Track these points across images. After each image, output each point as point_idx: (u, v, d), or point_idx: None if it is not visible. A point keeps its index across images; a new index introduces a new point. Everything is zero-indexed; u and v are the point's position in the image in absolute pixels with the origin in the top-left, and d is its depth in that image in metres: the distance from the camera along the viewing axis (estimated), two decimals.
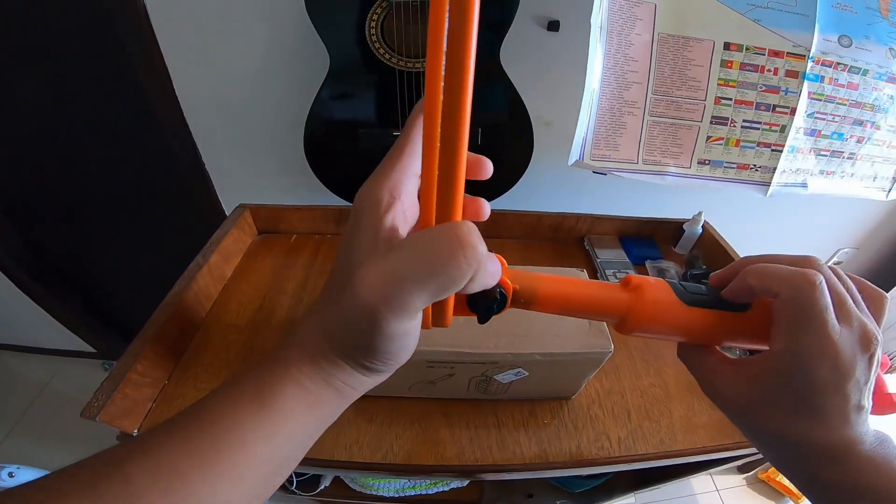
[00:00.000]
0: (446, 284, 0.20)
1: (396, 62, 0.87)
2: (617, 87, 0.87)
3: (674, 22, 0.83)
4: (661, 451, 0.59)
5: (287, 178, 1.25)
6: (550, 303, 0.28)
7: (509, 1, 0.84)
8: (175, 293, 0.67)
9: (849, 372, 0.26)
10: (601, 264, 0.87)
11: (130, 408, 0.56)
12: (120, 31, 0.99)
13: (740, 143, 0.91)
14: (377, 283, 0.21)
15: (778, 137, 0.90)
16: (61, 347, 1.87)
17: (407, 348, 0.24)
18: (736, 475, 1.68)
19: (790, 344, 0.26)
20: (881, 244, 1.62)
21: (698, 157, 0.92)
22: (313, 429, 0.26)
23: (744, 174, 0.93)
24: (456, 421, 0.60)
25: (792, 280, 0.27)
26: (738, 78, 0.86)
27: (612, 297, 0.29)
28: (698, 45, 0.84)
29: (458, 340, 0.51)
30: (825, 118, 0.89)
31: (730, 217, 1.15)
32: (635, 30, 0.83)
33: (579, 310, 0.29)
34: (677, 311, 0.29)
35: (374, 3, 0.82)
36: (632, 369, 0.68)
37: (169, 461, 0.21)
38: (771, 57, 0.85)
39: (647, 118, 0.89)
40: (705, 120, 0.89)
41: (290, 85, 1.07)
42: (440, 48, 0.18)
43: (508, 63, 0.91)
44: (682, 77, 0.86)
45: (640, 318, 0.28)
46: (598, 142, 0.90)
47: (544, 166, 1.13)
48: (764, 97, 0.87)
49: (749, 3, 0.82)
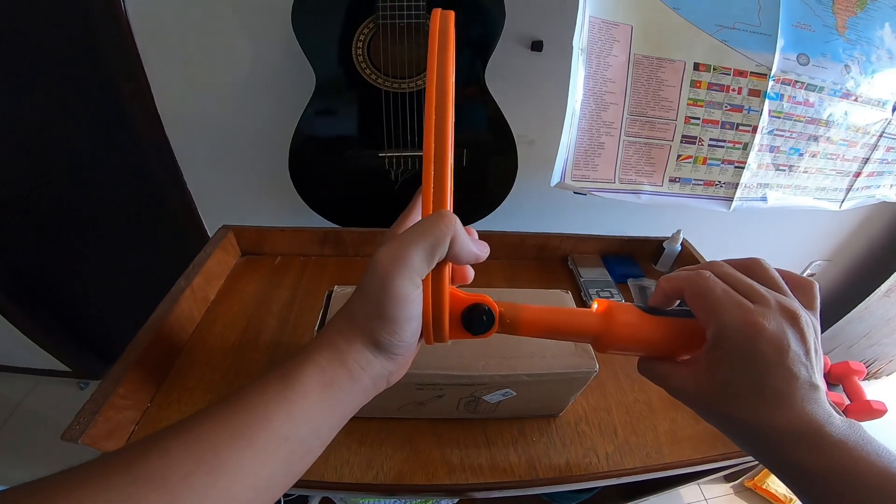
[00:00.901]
0: (436, 241, 0.28)
1: (383, 83, 0.88)
2: (595, 108, 0.89)
3: (649, 43, 0.86)
4: (648, 465, 0.60)
5: (271, 199, 1.25)
6: (532, 327, 0.33)
7: (494, 23, 0.86)
8: (157, 316, 0.66)
9: (781, 344, 0.27)
10: (584, 283, 0.89)
11: (112, 430, 0.55)
12: (102, 46, 0.98)
13: (707, 161, 0.94)
14: (388, 252, 0.28)
15: (741, 154, 0.93)
16: (35, 366, 1.82)
17: (410, 323, 0.29)
18: (723, 484, 1.70)
19: (713, 328, 0.29)
20: (852, 256, 1.68)
21: (670, 175, 0.94)
22: (327, 412, 0.28)
23: (710, 190, 0.97)
24: (446, 440, 0.60)
25: (689, 278, 0.31)
26: (706, 98, 0.89)
27: (585, 321, 0.33)
28: (671, 65, 0.87)
29: (447, 363, 0.52)
30: (783, 135, 0.93)
31: (707, 234, 1.19)
32: (613, 51, 0.86)
33: (558, 333, 0.34)
34: (643, 324, 0.33)
35: (361, 23, 0.83)
36: (616, 386, 0.70)
37: (203, 434, 0.24)
38: (736, 76, 0.88)
39: (623, 138, 0.92)
40: (676, 139, 0.92)
41: (274, 104, 1.07)
42: (432, 105, 0.30)
43: (492, 82, 0.92)
44: (656, 97, 0.89)
45: (612, 336, 0.32)
46: (578, 162, 0.92)
47: (528, 185, 1.15)
48: (728, 116, 0.91)
49: (717, 25, 0.85)
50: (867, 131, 0.98)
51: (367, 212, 1.05)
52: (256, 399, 0.26)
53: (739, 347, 0.28)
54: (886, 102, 0.95)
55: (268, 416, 0.25)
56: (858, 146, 0.99)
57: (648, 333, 0.33)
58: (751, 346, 0.28)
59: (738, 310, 0.29)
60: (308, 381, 0.27)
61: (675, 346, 0.33)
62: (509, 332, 0.33)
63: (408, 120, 0.91)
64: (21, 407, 1.78)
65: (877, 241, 1.62)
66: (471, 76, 0.91)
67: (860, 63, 0.89)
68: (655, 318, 0.33)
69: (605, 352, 0.34)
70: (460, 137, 0.97)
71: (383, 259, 0.28)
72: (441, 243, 0.28)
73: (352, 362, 0.29)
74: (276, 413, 0.26)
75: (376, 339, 0.29)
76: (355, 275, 0.87)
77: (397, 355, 0.30)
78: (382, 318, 0.28)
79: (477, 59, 0.90)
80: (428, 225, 0.29)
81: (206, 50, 1.01)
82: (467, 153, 0.98)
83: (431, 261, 0.28)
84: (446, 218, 0.29)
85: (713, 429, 0.64)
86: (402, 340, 0.29)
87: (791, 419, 0.27)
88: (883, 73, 0.92)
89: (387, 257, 0.28)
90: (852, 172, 1.04)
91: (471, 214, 1.09)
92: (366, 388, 0.30)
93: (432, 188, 0.30)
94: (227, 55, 1.01)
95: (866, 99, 0.93)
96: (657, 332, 0.33)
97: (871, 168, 1.05)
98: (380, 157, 0.95)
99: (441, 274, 0.30)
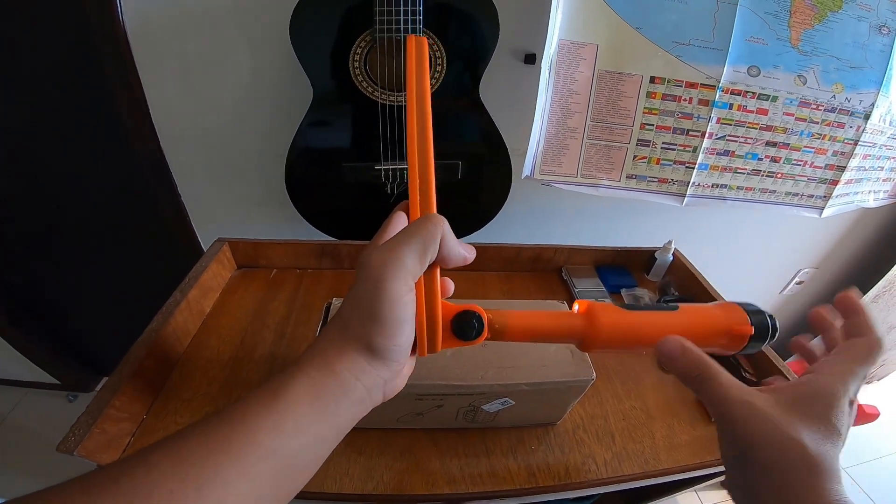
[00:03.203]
0: (426, 241, 0.29)
1: (379, 95, 0.89)
2: (562, 116, 1.01)
3: (612, 60, 0.96)
4: (646, 472, 0.61)
5: (266, 211, 1.25)
6: (519, 331, 0.33)
7: (488, 38, 0.88)
8: (152, 329, 0.66)
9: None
10: (579, 294, 0.90)
11: (108, 442, 0.55)
12: (97, 55, 0.98)
13: (660, 161, 1.06)
14: (380, 256, 0.28)
15: (691, 156, 1.05)
16: (23, 378, 1.79)
17: (404, 326, 0.29)
18: (720, 490, 1.70)
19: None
20: (840, 263, 1.71)
21: (627, 173, 1.08)
22: (320, 425, 0.27)
23: (664, 187, 1.09)
24: (445, 450, 0.60)
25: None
26: (660, 107, 1.00)
27: (569, 322, 0.34)
28: (629, 79, 0.97)
29: (447, 374, 0.52)
30: (737, 140, 1.04)
31: (697, 244, 1.21)
32: (579, 68, 0.96)
33: (544, 336, 0.34)
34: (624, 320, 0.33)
35: (358, 36, 0.84)
36: (613, 393, 0.70)
37: (188, 450, 0.23)
38: (687, 88, 0.98)
39: (586, 141, 1.04)
40: (632, 142, 1.04)
41: (271, 116, 1.07)
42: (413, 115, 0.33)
43: (486, 95, 0.94)
44: (615, 107, 1.00)
45: (596, 335, 0.33)
46: (546, 160, 1.05)
47: (523, 197, 1.17)
48: (680, 123, 1.01)
49: (674, 42, 0.93)
50: (836, 139, 1.03)
51: (363, 224, 1.06)
52: (243, 412, 0.25)
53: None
54: (857, 112, 1.00)
55: (255, 429, 0.25)
56: (829, 153, 1.06)
57: (631, 329, 0.33)
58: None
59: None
60: (297, 392, 0.26)
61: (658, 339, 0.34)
62: (499, 337, 0.33)
63: (404, 133, 0.92)
64: (9, 419, 1.75)
65: (863, 248, 1.65)
66: (465, 89, 0.92)
67: (817, 73, 0.96)
68: (635, 313, 0.33)
69: (591, 351, 0.34)
70: (455, 150, 0.99)
71: (376, 262, 0.28)
72: (432, 243, 0.29)
73: (343, 371, 0.28)
74: (264, 426, 0.25)
75: (370, 343, 0.28)
76: None
77: (393, 361, 0.29)
78: (377, 321, 0.28)
79: (471, 72, 0.91)
80: (418, 226, 0.29)
81: (204, 61, 1.01)
82: (462, 166, 0.99)
83: (424, 261, 0.29)
84: (434, 218, 0.30)
85: (710, 435, 0.66)
86: (396, 344, 0.29)
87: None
88: (847, 82, 0.97)
89: (379, 260, 0.28)
90: (828, 180, 1.10)
91: (466, 227, 1.10)
92: (360, 398, 0.29)
93: (418, 193, 0.32)
94: (225, 67, 1.02)
95: (830, 107, 1.00)
96: (640, 328, 0.33)
97: (849, 175, 1.10)
98: (376, 169, 0.95)
99: (433, 278, 0.30)
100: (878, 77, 0.97)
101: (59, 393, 1.84)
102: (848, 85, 0.98)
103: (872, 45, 0.95)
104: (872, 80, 0.97)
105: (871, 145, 1.06)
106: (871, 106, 0.99)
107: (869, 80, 0.97)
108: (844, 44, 0.94)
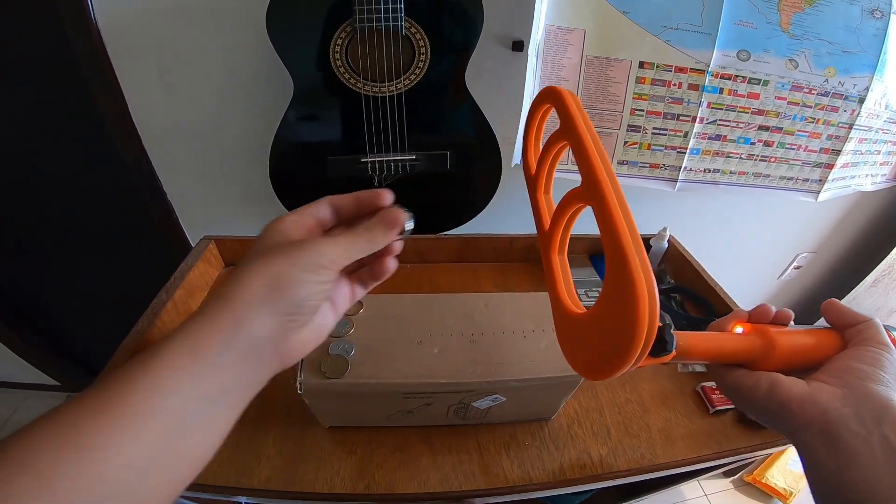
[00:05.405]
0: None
1: (362, 87, 0.87)
2: None
3: (599, 45, 0.94)
4: (642, 466, 0.59)
5: (253, 208, 1.23)
6: (702, 352, 0.34)
7: (473, 24, 0.86)
8: (138, 330, 0.64)
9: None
10: (573, 284, 0.88)
11: None
12: (74, 56, 0.96)
13: (651, 147, 1.05)
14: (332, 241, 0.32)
15: (682, 141, 1.04)
16: (23, 381, 1.80)
17: (321, 273, 0.31)
18: (722, 479, 1.71)
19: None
20: (838, 248, 1.70)
21: (618, 159, 1.06)
22: (202, 382, 0.26)
23: (655, 172, 1.09)
24: (438, 447, 0.59)
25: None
26: (650, 92, 0.98)
27: (749, 346, 0.35)
28: (618, 64, 0.96)
29: (434, 371, 0.50)
30: (728, 124, 1.02)
31: (693, 231, 1.19)
32: (567, 54, 0.95)
33: (725, 358, 0.36)
34: (795, 340, 0.35)
35: (338, 27, 0.82)
36: (608, 386, 0.69)
37: (69, 415, 0.23)
38: (676, 73, 0.96)
39: None
40: (622, 128, 1.03)
41: (253, 112, 1.05)
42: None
43: (473, 83, 0.92)
44: (605, 93, 0.99)
45: (777, 357, 0.34)
46: None
47: (514, 186, 1.15)
48: (670, 108, 1.00)
49: (662, 26, 0.92)
50: (830, 123, 1.02)
51: None
52: (121, 376, 0.25)
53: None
54: (851, 96, 0.98)
55: (130, 388, 0.24)
56: (823, 137, 1.05)
57: (803, 350, 0.35)
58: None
59: None
60: (173, 349, 0.26)
61: (821, 355, 0.35)
62: (683, 356, 0.33)
63: (388, 124, 0.90)
64: (11, 422, 1.78)
65: (862, 232, 1.64)
66: (451, 78, 0.90)
67: (808, 57, 0.94)
68: (802, 332, 0.36)
69: (759, 369, 0.35)
70: (444, 140, 0.97)
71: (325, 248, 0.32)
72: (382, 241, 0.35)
73: (225, 323, 0.27)
74: (140, 385, 0.24)
75: (275, 281, 0.29)
76: None
77: (296, 314, 0.30)
78: (293, 261, 0.30)
79: (456, 60, 0.89)
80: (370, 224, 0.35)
81: (181, 59, 0.99)
82: (451, 156, 0.97)
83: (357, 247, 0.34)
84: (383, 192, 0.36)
85: (706, 427, 0.64)
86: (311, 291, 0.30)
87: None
88: (839, 66, 0.96)
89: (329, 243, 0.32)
90: (823, 164, 1.09)
91: (457, 217, 1.08)
92: (244, 352, 0.28)
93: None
94: (203, 63, 1.00)
95: (823, 91, 0.98)
96: (807, 349, 0.35)
97: (844, 159, 1.09)
98: (362, 162, 0.94)
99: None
100: (873, 61, 0.95)
101: (59, 394, 1.87)
102: (841, 69, 0.96)
103: (865, 29, 0.93)
104: (866, 64, 0.96)
105: (866, 129, 1.05)
106: (866, 90, 0.98)
107: (863, 64, 0.96)
108: (836, 27, 0.93)
